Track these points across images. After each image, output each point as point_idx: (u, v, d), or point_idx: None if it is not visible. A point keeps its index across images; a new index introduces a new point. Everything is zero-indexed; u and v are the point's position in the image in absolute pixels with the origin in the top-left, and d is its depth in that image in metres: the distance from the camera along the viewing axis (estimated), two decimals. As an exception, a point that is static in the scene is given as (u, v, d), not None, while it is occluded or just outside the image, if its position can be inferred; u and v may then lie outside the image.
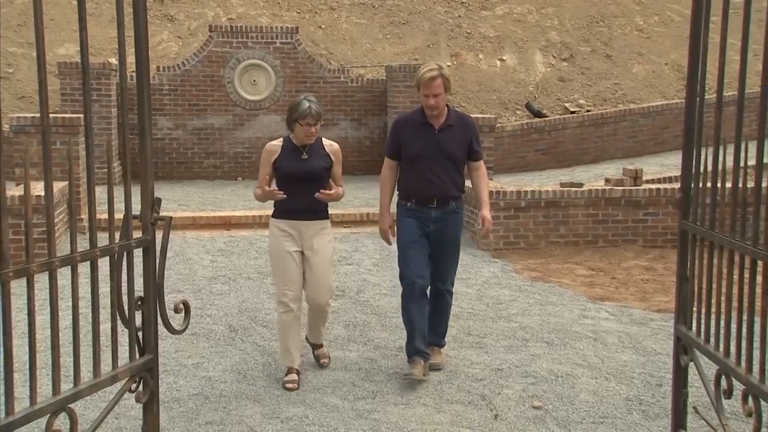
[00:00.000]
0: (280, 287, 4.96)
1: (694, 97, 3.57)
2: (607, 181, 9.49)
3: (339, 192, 5.05)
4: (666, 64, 15.83)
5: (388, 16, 15.91)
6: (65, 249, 3.23)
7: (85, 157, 2.97)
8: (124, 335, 3.23)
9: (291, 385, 4.85)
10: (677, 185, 8.41)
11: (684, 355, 3.60)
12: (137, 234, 3.25)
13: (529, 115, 14.52)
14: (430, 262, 5.05)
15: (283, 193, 4.84)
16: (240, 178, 13.68)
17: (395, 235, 5.18)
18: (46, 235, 2.81)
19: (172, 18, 15.25)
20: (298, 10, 15.72)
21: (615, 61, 15.75)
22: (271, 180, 5.04)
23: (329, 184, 5.02)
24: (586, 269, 8.09)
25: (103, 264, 3.13)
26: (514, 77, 15.18)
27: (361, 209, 10.12)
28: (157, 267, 3.30)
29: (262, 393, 4.78)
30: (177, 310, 3.37)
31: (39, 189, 7.53)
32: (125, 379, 3.17)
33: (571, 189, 8.93)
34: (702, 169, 3.46)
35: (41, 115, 2.72)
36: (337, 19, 15.70)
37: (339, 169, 5.11)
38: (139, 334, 3.26)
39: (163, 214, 3.34)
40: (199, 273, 7.67)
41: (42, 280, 3.75)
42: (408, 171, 5.07)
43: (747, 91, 3.15)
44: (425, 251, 5.02)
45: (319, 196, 4.83)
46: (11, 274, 2.59)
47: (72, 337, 2.91)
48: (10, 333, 2.59)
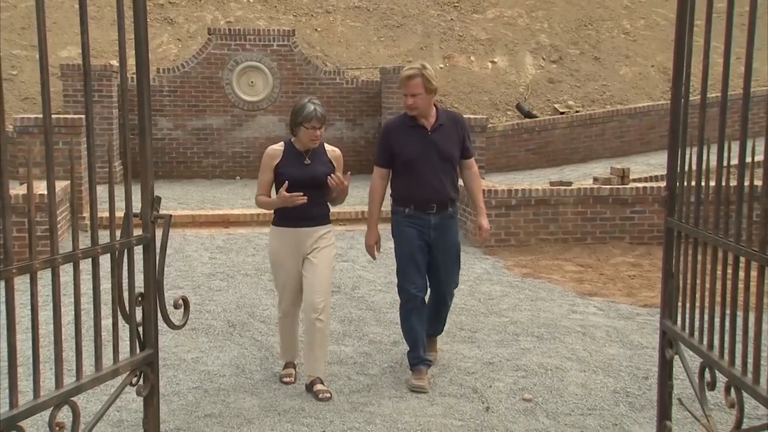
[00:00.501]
0: (279, 293, 4.88)
1: (678, 98, 3.57)
2: (596, 180, 9.51)
3: (346, 183, 4.68)
4: (652, 66, 15.85)
5: (382, 19, 15.89)
6: (67, 246, 3.22)
7: (87, 157, 2.97)
8: (125, 330, 3.22)
9: (288, 379, 4.83)
10: (663, 184, 8.41)
11: (669, 348, 3.61)
12: (138, 232, 3.24)
13: (520, 115, 14.52)
14: (432, 270, 4.86)
15: (303, 195, 4.51)
16: (238, 177, 13.68)
17: (380, 250, 4.99)
18: (48, 232, 2.80)
19: (171, 21, 15.21)
20: (295, 14, 15.70)
21: (603, 63, 15.76)
22: (271, 186, 4.77)
23: (338, 180, 4.61)
24: (575, 265, 8.11)
25: (105, 261, 3.12)
26: (505, 79, 15.19)
27: (356, 207, 10.11)
28: (157, 264, 3.30)
29: (259, 386, 4.78)
30: (176, 306, 3.36)
31: (42, 188, 7.52)
32: (126, 373, 3.17)
33: (560, 188, 8.95)
34: (687, 168, 3.47)
35: (44, 115, 2.71)
36: (333, 22, 15.68)
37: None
38: (140, 329, 3.26)
39: (163, 212, 3.34)
40: (198, 270, 7.66)
41: (45, 277, 3.75)
42: (404, 176, 4.81)
43: (730, 93, 3.16)
44: (425, 261, 4.83)
45: (330, 182, 4.54)
46: (15, 271, 2.58)
47: (74, 332, 2.91)
48: (14, 328, 2.59)
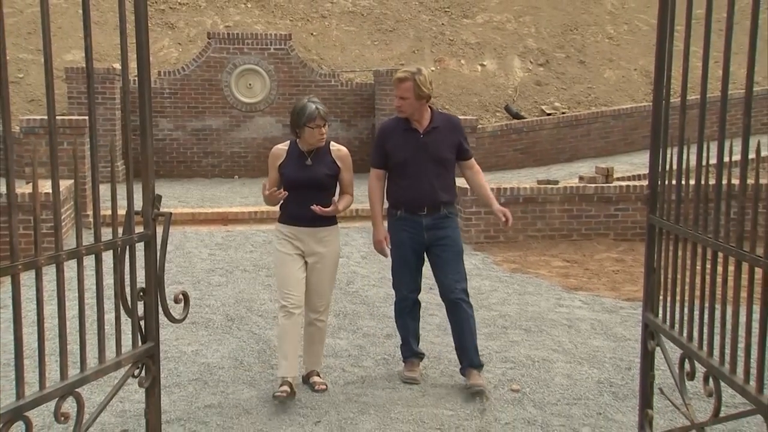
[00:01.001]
0: (281, 291, 4.50)
1: (660, 100, 3.59)
2: (581, 178, 9.53)
3: (343, 204, 4.54)
4: (635, 69, 15.89)
5: (375, 24, 15.88)
6: (71, 243, 3.22)
7: (90, 157, 2.97)
8: (127, 324, 3.23)
9: (280, 394, 4.28)
10: (645, 182, 8.44)
11: (651, 340, 3.62)
12: (139, 229, 3.24)
13: (508, 116, 14.54)
14: (435, 268, 4.71)
15: (284, 192, 4.38)
16: (236, 176, 13.66)
17: (390, 246, 4.80)
18: (53, 230, 2.80)
19: (172, 26, 15.17)
20: (291, 18, 15.68)
21: (588, 66, 15.79)
22: (277, 183, 4.56)
23: (319, 210, 4.40)
24: (561, 261, 8.13)
25: (107, 257, 3.12)
26: (494, 81, 15.20)
27: (351, 205, 10.09)
28: (158, 260, 3.30)
29: (257, 378, 4.78)
30: (177, 301, 3.36)
31: (47, 187, 7.51)
32: (129, 365, 3.17)
33: (547, 186, 8.97)
34: (668, 167, 3.49)
35: (48, 117, 2.71)
36: (328, 27, 15.67)
37: (348, 176, 4.59)
38: (142, 323, 3.26)
39: (163, 210, 3.34)
40: (198, 266, 7.65)
41: (50, 273, 3.75)
42: (396, 179, 4.70)
43: (708, 95, 3.18)
44: (419, 264, 4.74)
45: (316, 209, 4.36)
46: (21, 267, 2.58)
47: (78, 325, 2.91)
48: (20, 322, 2.59)
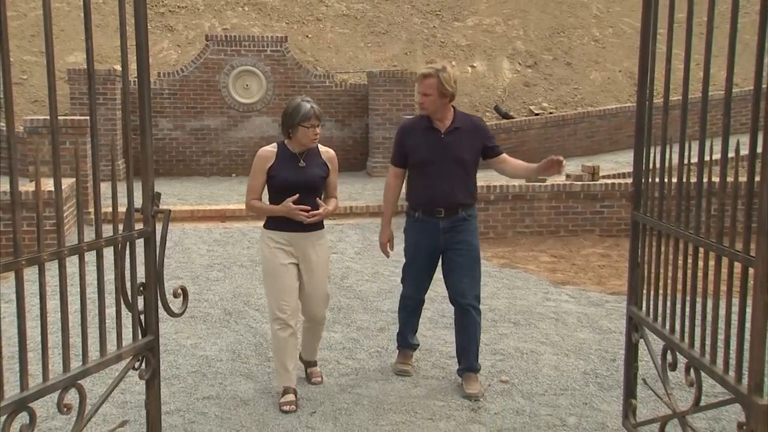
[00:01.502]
0: (277, 302, 4.18)
1: (643, 101, 3.60)
2: (568, 176, 9.54)
3: (330, 208, 4.26)
4: (619, 71, 15.91)
5: (369, 26, 15.87)
6: (73, 239, 3.21)
7: (91, 156, 2.96)
8: (127, 318, 3.22)
9: (288, 407, 4.10)
10: (630, 180, 8.47)
11: (635, 332, 3.64)
12: (139, 226, 3.23)
13: (498, 116, 14.55)
14: (447, 271, 4.50)
15: (301, 209, 4.09)
16: (234, 175, 13.64)
17: (393, 248, 4.65)
18: (56, 226, 2.79)
19: (171, 28, 15.13)
20: (287, 21, 15.65)
21: (574, 68, 15.80)
22: (263, 190, 4.28)
23: (309, 214, 4.17)
24: (549, 256, 8.14)
25: (108, 253, 3.12)
26: (484, 82, 15.21)
27: (345, 203, 10.11)
28: (158, 256, 3.29)
29: (254, 370, 4.78)
30: (176, 295, 3.36)
31: (50, 185, 7.47)
32: (129, 358, 3.17)
33: (535, 184, 8.97)
34: (651, 165, 3.50)
35: (51, 117, 2.70)
36: (323, 29, 15.64)
37: (335, 178, 4.34)
38: (142, 317, 3.25)
39: (163, 207, 3.33)
40: (197, 261, 7.64)
41: (52, 268, 3.74)
42: (415, 179, 4.45)
43: (690, 96, 3.19)
44: (431, 266, 4.54)
45: (312, 220, 4.15)
46: (24, 263, 2.58)
47: (80, 319, 2.90)
48: (24, 316, 2.59)
